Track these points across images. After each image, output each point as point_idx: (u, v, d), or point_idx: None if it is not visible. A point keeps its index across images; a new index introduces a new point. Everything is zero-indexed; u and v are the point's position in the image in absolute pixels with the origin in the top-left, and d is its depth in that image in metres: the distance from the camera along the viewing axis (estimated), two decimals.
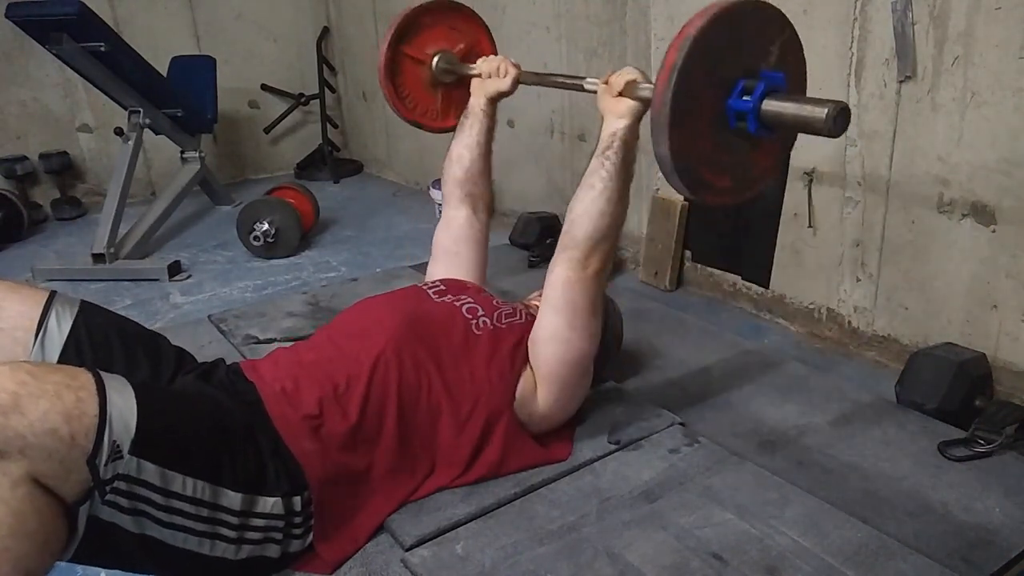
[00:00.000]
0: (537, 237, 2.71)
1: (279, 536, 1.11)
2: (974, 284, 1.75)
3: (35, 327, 1.18)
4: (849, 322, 2.07)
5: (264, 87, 4.40)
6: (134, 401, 0.94)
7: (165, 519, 0.98)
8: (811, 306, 2.18)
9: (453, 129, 1.74)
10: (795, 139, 1.26)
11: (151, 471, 0.94)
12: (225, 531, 1.04)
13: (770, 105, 1.09)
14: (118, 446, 0.90)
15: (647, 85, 1.27)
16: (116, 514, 0.94)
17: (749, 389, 1.68)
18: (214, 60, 3.79)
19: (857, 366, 1.97)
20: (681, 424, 1.51)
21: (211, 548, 1.03)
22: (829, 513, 1.24)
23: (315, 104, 4.46)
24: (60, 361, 1.18)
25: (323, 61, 4.42)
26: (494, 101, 1.69)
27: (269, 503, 1.08)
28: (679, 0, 2.31)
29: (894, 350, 1.96)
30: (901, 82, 1.79)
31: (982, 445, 1.43)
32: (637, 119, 1.29)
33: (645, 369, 1.79)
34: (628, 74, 1.31)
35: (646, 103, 1.26)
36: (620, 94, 1.30)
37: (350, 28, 4.35)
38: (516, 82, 1.65)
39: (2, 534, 0.82)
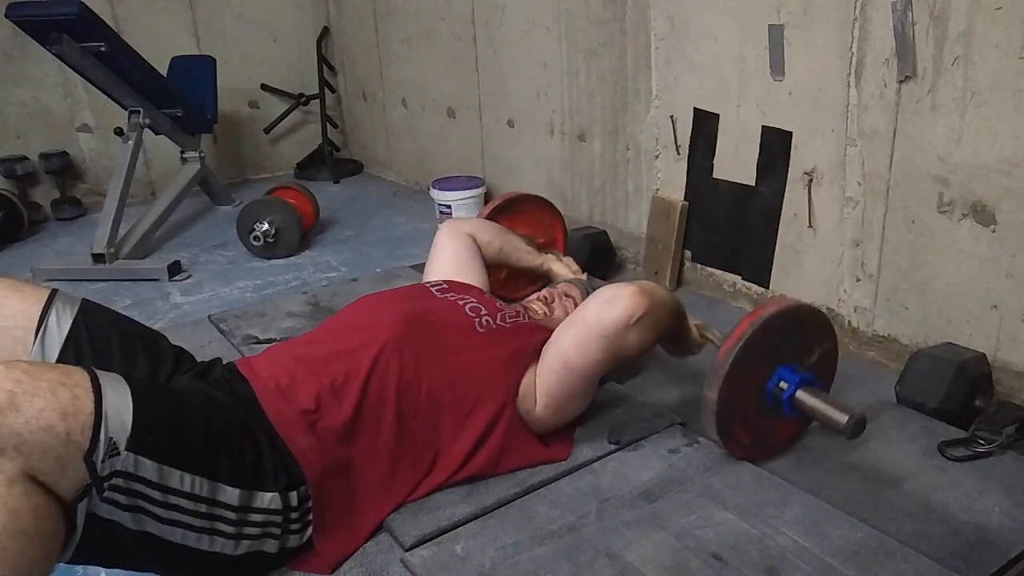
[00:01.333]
0: None
1: (277, 531, 1.11)
2: (974, 284, 1.75)
3: (35, 325, 1.19)
4: (849, 322, 2.07)
5: (264, 87, 4.40)
6: (130, 398, 0.94)
7: (164, 515, 0.98)
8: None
9: (510, 299, 1.83)
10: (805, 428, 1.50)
11: (148, 467, 0.95)
12: (223, 527, 1.04)
13: (803, 396, 1.35)
14: (114, 442, 0.91)
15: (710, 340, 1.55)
16: (115, 511, 0.94)
17: None
18: (214, 60, 3.78)
19: (857, 366, 1.97)
20: (681, 424, 1.51)
21: (209, 544, 1.04)
22: (829, 513, 1.24)
23: (315, 104, 4.46)
24: (59, 359, 1.19)
25: (323, 61, 4.42)
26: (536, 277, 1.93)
27: (267, 498, 1.08)
28: (679, 0, 2.31)
29: (894, 350, 1.96)
30: (901, 82, 1.79)
31: (982, 445, 1.43)
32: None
33: (645, 369, 1.79)
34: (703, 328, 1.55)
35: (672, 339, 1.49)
36: (700, 334, 1.53)
37: (350, 28, 4.35)
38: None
39: None
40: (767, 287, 2.28)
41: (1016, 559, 1.19)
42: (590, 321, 1.31)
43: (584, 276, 1.90)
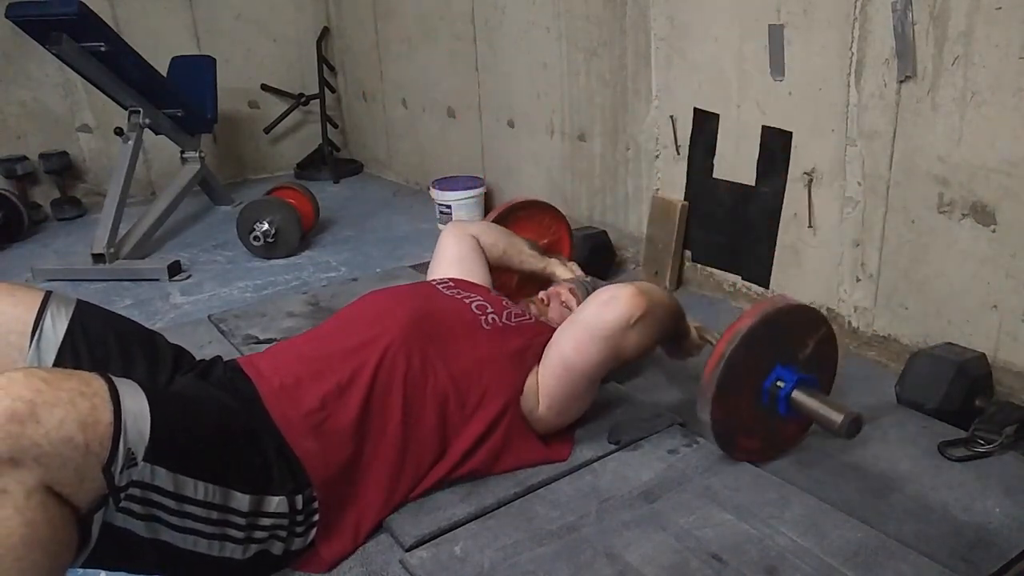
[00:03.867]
0: None
1: (283, 534, 1.11)
2: (974, 284, 1.75)
3: (30, 329, 1.18)
4: (849, 322, 2.06)
5: (264, 87, 4.40)
6: (147, 407, 0.94)
7: (177, 523, 0.98)
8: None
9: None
10: (808, 428, 1.49)
11: (164, 477, 0.95)
12: (233, 532, 1.04)
13: (798, 396, 1.35)
14: (133, 453, 0.90)
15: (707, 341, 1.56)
16: (130, 520, 0.94)
17: None
18: (214, 60, 3.78)
19: (857, 366, 1.96)
20: (681, 424, 1.51)
21: (220, 549, 1.04)
22: (829, 513, 1.24)
23: (315, 104, 4.46)
24: (56, 362, 1.18)
25: (323, 61, 4.41)
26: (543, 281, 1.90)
27: (274, 502, 1.08)
28: (679, 0, 2.31)
29: (894, 350, 1.96)
30: (901, 82, 1.79)
31: (982, 445, 1.43)
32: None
33: (645, 369, 1.79)
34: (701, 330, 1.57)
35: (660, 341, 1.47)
36: (700, 336, 1.54)
37: (350, 28, 4.35)
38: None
39: (15, 543, 0.82)
40: (767, 287, 2.28)
41: (1016, 559, 1.19)
42: (589, 322, 1.31)
43: (588, 280, 1.90)
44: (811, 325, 1.41)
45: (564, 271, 1.90)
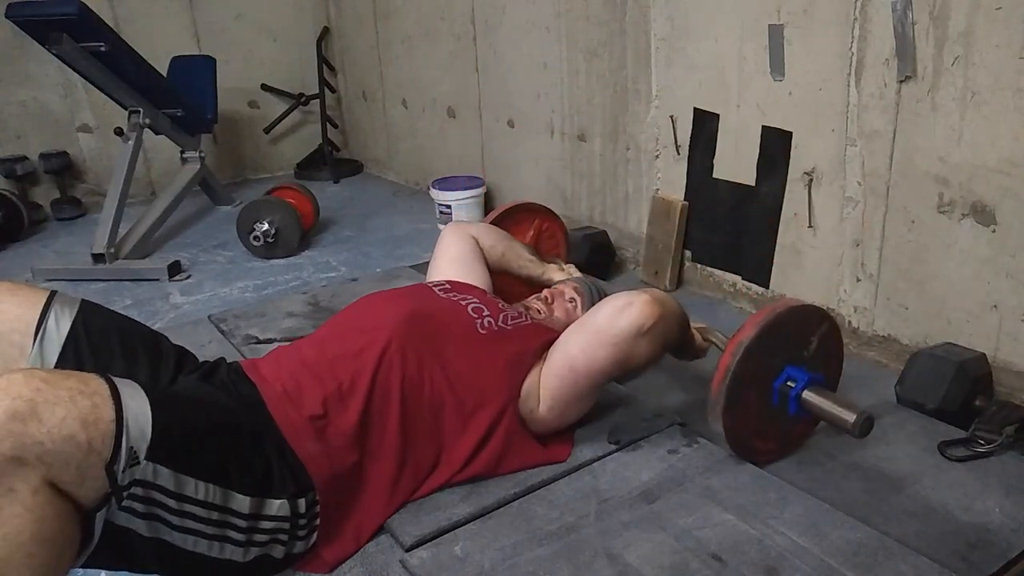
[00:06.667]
0: None
1: (285, 538, 1.11)
2: (974, 284, 1.75)
3: (33, 329, 1.18)
4: (849, 322, 2.06)
5: (264, 87, 4.40)
6: (148, 406, 0.94)
7: (178, 523, 0.98)
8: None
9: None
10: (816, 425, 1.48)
11: (166, 476, 0.95)
12: (234, 534, 1.04)
13: (809, 396, 1.36)
14: (135, 452, 0.90)
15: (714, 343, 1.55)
16: (131, 519, 0.94)
17: None
18: (214, 60, 3.79)
19: (857, 366, 1.96)
20: (681, 424, 1.51)
21: (220, 551, 1.04)
22: (829, 513, 1.24)
23: (315, 104, 4.46)
24: (58, 363, 1.18)
25: (323, 61, 4.42)
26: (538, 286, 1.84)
27: (275, 505, 1.08)
28: (679, 0, 2.31)
29: (894, 350, 1.96)
30: (901, 82, 1.79)
31: (982, 445, 1.43)
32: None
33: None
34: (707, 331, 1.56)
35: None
36: (703, 337, 1.53)
37: (350, 28, 4.35)
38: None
39: (25, 540, 0.82)
40: (767, 287, 2.28)
41: (1016, 559, 1.19)
42: (600, 327, 1.31)
43: (589, 279, 1.90)
44: (812, 322, 1.41)
45: (562, 276, 1.89)
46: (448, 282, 1.56)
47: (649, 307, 1.29)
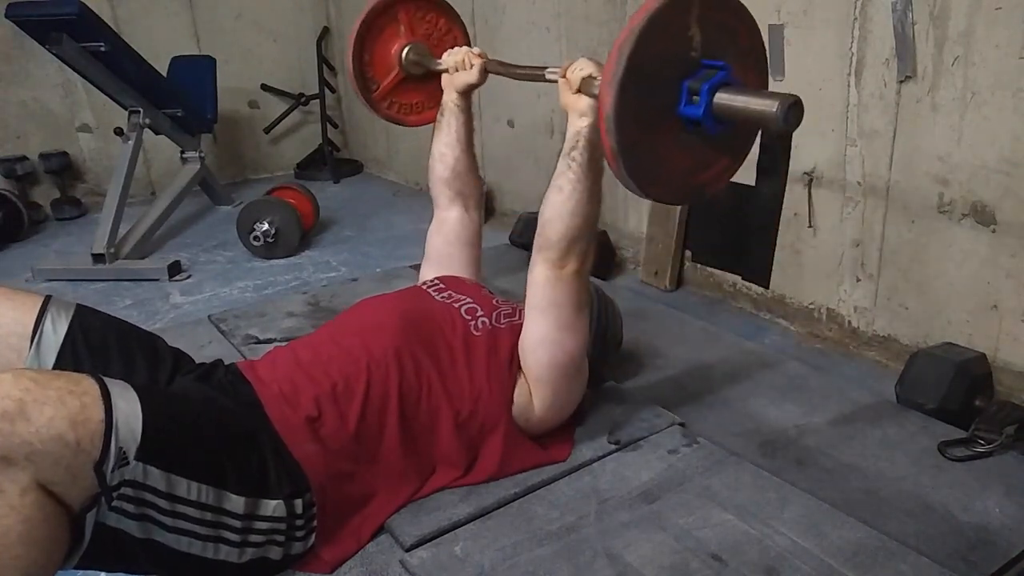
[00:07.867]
0: None
1: (281, 539, 1.11)
2: (974, 284, 1.75)
3: (30, 333, 1.17)
4: (849, 322, 2.06)
5: (264, 87, 4.40)
6: (139, 406, 0.94)
7: (170, 524, 0.98)
8: (811, 306, 2.18)
9: (433, 122, 1.72)
10: (758, 131, 1.23)
11: (157, 476, 0.94)
12: (228, 535, 1.04)
13: (722, 99, 1.07)
14: (124, 452, 0.90)
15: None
16: (122, 520, 0.94)
17: (749, 389, 1.67)
18: (214, 60, 3.78)
19: (857, 366, 1.97)
20: (681, 424, 1.51)
21: (215, 552, 1.03)
22: (828, 513, 1.24)
23: (315, 104, 4.46)
24: (56, 366, 1.17)
25: (323, 61, 4.41)
26: (466, 94, 1.66)
27: (271, 506, 1.08)
28: None
29: (894, 350, 1.96)
30: (901, 82, 1.79)
31: (982, 445, 1.42)
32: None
33: (645, 369, 1.79)
34: (584, 68, 1.25)
35: None
36: (578, 90, 1.27)
37: (350, 28, 4.34)
38: (484, 72, 1.60)
39: (12, 541, 0.82)
40: (767, 287, 2.28)
41: (1016, 559, 1.19)
42: (535, 285, 1.29)
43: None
44: (680, 9, 1.06)
45: (450, 58, 1.67)
46: (440, 280, 1.55)
47: (565, 271, 1.25)
